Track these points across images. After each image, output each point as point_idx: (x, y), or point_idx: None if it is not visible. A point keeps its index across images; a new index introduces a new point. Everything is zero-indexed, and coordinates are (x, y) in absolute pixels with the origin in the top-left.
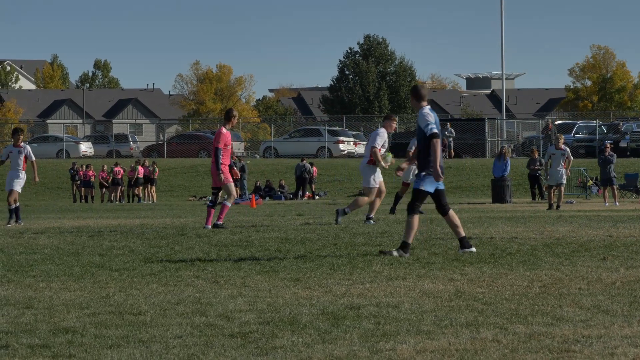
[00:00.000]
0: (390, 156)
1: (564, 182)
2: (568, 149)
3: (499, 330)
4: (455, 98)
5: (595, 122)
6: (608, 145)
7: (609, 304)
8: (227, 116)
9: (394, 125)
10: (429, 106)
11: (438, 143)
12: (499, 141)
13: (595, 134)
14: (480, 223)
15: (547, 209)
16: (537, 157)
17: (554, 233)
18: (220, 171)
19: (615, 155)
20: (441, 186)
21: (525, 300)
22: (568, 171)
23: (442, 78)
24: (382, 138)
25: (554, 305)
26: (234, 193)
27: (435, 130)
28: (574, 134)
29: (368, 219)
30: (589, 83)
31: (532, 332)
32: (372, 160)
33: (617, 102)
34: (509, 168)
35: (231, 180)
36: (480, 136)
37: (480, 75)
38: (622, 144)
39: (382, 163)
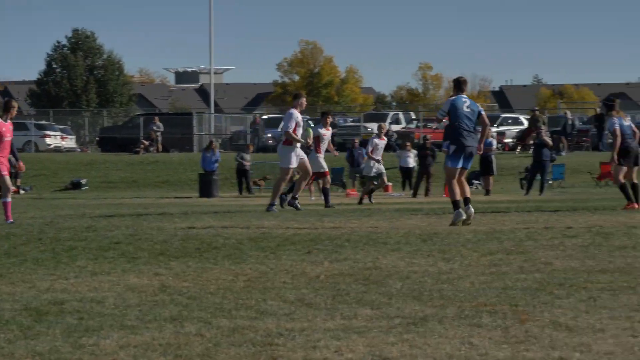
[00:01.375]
0: (310, 132)
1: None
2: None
3: (203, 324)
4: (163, 92)
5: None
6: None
7: (312, 297)
8: (6, 107)
9: (304, 101)
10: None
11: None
12: (207, 135)
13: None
14: (187, 217)
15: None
16: (249, 152)
17: (259, 227)
18: None
19: None
20: None
21: (229, 294)
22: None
23: (151, 72)
24: (294, 118)
25: (258, 299)
26: (10, 187)
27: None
28: (281, 129)
29: (294, 198)
30: (297, 78)
31: (236, 325)
32: (288, 141)
33: (324, 97)
34: (217, 162)
35: (6, 173)
36: (188, 130)
37: (189, 70)
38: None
39: (303, 141)
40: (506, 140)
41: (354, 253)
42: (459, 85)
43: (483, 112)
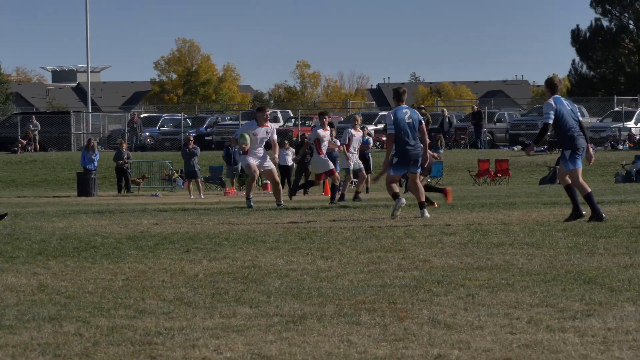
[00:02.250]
0: (244, 139)
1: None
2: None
3: (82, 323)
4: (40, 91)
5: (181, 115)
6: (191, 137)
7: (191, 296)
8: None
9: (267, 115)
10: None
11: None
12: (85, 134)
13: (180, 126)
14: (65, 217)
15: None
16: (124, 149)
17: (138, 226)
18: None
19: (198, 148)
20: None
21: (108, 293)
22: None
23: (28, 71)
24: (242, 129)
25: (137, 298)
26: None
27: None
28: (159, 127)
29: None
30: (174, 76)
31: (115, 325)
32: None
33: (202, 95)
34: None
35: None
36: (66, 129)
37: (66, 68)
38: (208, 137)
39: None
40: (385, 138)
41: (232, 252)
42: (398, 96)
43: (423, 121)
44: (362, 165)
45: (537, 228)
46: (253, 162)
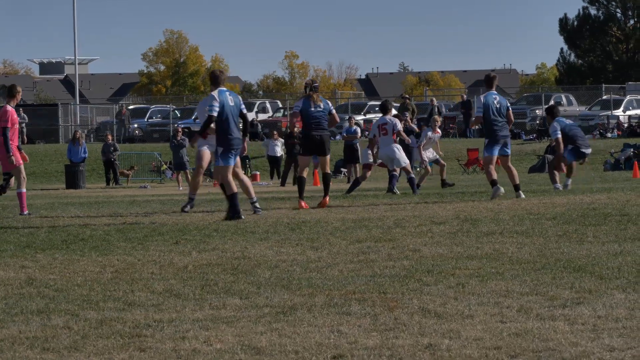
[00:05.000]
0: None
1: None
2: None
3: (70, 316)
4: (28, 83)
5: (169, 106)
6: (180, 129)
7: (180, 287)
8: (11, 92)
9: None
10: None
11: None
12: (73, 126)
13: (169, 118)
14: (53, 209)
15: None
16: (111, 141)
17: (127, 218)
18: (11, 153)
19: (187, 139)
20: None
21: (97, 286)
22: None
23: (15, 63)
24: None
25: (126, 290)
26: (25, 176)
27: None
28: (147, 119)
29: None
30: (162, 67)
31: (104, 317)
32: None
33: (190, 87)
34: (85, 153)
35: (22, 162)
36: (54, 122)
37: (54, 61)
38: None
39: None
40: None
41: (222, 243)
42: (489, 81)
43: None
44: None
45: (527, 217)
46: (207, 151)
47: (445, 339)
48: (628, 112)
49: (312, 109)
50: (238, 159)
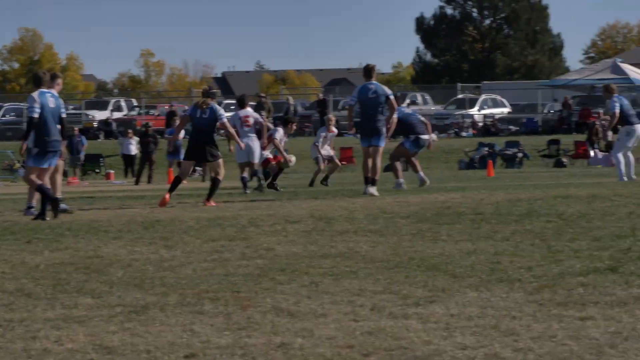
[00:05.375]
0: None
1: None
2: None
3: None
4: None
5: (22, 104)
6: None
7: (32, 287)
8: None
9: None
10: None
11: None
12: None
13: (22, 116)
14: None
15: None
16: None
17: None
18: None
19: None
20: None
21: None
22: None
23: None
24: None
25: None
26: None
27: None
28: (1, 117)
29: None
30: (16, 65)
31: None
32: None
33: None
34: None
35: None
36: None
37: None
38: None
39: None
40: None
41: (75, 242)
42: (368, 72)
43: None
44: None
45: (381, 215)
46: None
47: (298, 338)
48: (483, 111)
49: (197, 116)
50: (60, 162)
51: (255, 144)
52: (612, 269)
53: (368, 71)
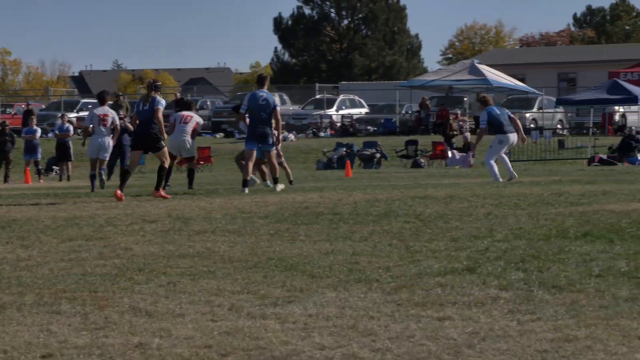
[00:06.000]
0: None
1: None
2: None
3: None
4: None
5: None
6: None
7: None
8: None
9: None
10: None
11: None
12: None
13: None
14: None
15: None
16: None
17: None
18: None
19: None
20: None
21: None
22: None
23: None
24: None
25: None
26: None
27: None
28: None
29: None
30: None
31: None
32: None
33: None
34: None
35: None
36: None
37: None
38: None
39: None
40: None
41: None
42: (261, 81)
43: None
44: None
45: (239, 215)
46: None
47: (156, 338)
48: (341, 112)
49: (140, 109)
50: None
51: (108, 141)
52: (469, 269)
53: (261, 80)
